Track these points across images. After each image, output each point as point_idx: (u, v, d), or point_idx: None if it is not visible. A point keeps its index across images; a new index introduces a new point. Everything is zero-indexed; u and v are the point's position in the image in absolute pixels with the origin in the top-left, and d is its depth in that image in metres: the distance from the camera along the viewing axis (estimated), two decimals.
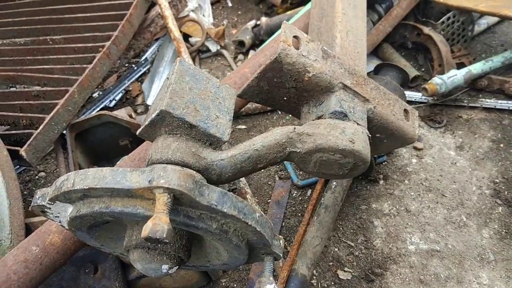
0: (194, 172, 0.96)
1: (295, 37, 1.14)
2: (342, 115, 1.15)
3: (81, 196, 0.87)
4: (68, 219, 0.93)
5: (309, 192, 1.89)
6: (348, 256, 1.68)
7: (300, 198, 1.88)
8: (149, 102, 2.32)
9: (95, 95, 2.42)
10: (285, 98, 1.25)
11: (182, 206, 0.84)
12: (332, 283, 1.62)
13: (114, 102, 2.40)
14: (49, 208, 0.96)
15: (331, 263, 1.67)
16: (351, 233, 1.74)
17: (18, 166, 1.91)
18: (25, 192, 2.07)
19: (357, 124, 1.18)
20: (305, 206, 1.84)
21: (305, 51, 1.13)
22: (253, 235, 0.94)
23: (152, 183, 0.78)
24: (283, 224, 1.80)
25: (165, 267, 0.95)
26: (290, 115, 2.17)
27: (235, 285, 1.66)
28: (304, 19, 1.73)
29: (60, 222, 1.03)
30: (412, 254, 1.66)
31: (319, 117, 1.19)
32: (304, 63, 1.12)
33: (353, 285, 1.61)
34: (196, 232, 0.92)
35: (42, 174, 2.17)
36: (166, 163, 1.03)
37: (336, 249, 1.70)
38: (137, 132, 1.12)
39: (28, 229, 1.40)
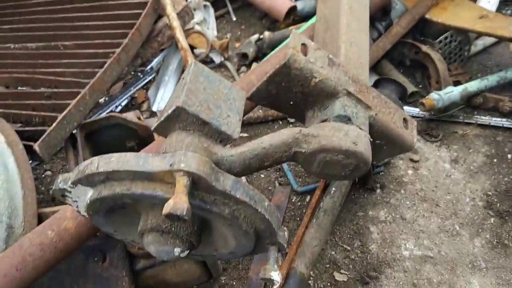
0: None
1: (303, 44, 1.22)
2: (346, 119, 1.22)
3: (103, 179, 0.94)
4: (88, 201, 0.99)
5: (308, 198, 1.96)
6: (344, 259, 1.74)
7: (299, 204, 1.95)
8: (154, 108, 2.39)
9: (101, 100, 2.50)
10: (291, 103, 1.33)
11: (198, 191, 0.91)
12: (328, 284, 1.68)
13: (120, 107, 2.47)
14: (70, 192, 1.02)
15: (327, 265, 1.73)
16: (348, 237, 1.81)
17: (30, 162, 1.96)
18: None
19: (360, 128, 1.26)
20: (304, 211, 1.91)
21: (313, 57, 1.22)
22: (261, 222, 1.00)
23: (173, 167, 0.85)
24: None
25: (177, 250, 1.01)
26: (291, 124, 2.26)
27: (234, 283, 1.71)
28: (308, 32, 1.83)
29: (77, 207, 1.09)
30: (406, 259, 1.72)
31: (323, 121, 1.27)
32: (311, 69, 1.20)
33: (348, 287, 1.66)
34: (209, 217, 0.99)
35: (49, 173, 2.23)
36: None
37: (333, 252, 1.76)
38: (152, 128, 1.19)
39: (40, 219, 1.46)
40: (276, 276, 1.06)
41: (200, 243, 1.08)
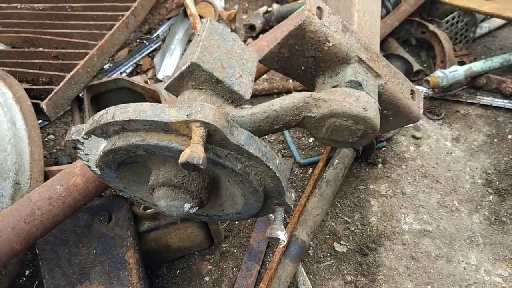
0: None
1: (318, 8, 1.22)
2: (357, 85, 1.23)
3: (118, 130, 0.94)
4: (101, 153, 1.00)
5: (310, 170, 1.97)
6: (344, 231, 1.77)
7: (301, 176, 1.96)
8: (159, 76, 2.38)
9: (106, 66, 2.48)
10: (302, 68, 1.33)
11: (212, 144, 0.92)
12: (328, 254, 1.71)
13: (124, 74, 2.46)
14: (82, 144, 1.03)
15: (328, 236, 1.76)
16: (349, 210, 1.83)
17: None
18: None
19: (369, 95, 1.26)
20: (306, 183, 1.93)
21: (327, 21, 1.21)
22: (271, 181, 1.02)
23: (190, 117, 0.85)
24: None
25: (187, 206, 1.03)
26: None
27: (235, 250, 1.73)
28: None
29: (87, 161, 1.09)
30: (406, 233, 1.75)
31: (334, 87, 1.27)
32: (326, 32, 1.20)
33: (348, 258, 1.69)
34: (219, 174, 1.00)
35: (51, 136, 2.23)
36: None
37: (333, 224, 1.79)
38: (164, 86, 1.19)
39: (46, 178, 1.46)
40: (283, 235, 1.08)
41: (208, 201, 1.10)
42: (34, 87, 1.70)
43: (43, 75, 1.74)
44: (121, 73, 2.44)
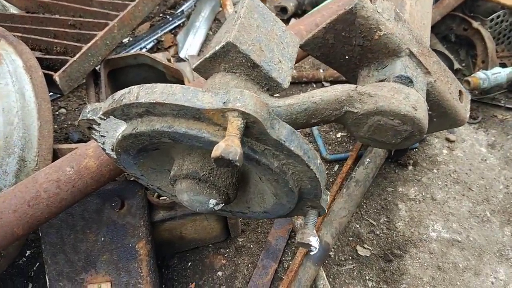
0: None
1: None
2: (408, 81, 1.10)
3: (142, 113, 0.82)
4: (120, 137, 0.88)
5: (336, 167, 1.85)
6: (369, 234, 1.66)
7: (326, 172, 1.83)
8: (182, 55, 2.26)
9: (125, 40, 2.36)
10: (346, 57, 1.20)
11: (248, 137, 0.80)
12: (350, 257, 1.60)
13: (145, 50, 2.34)
14: (98, 124, 0.91)
15: (351, 238, 1.64)
16: (374, 212, 1.71)
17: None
18: None
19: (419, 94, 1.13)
20: (331, 180, 1.81)
21: (380, 8, 1.08)
22: (308, 182, 0.90)
23: (227, 105, 0.73)
24: None
25: (212, 202, 0.91)
26: None
27: (251, 246, 1.63)
28: None
29: (103, 143, 0.98)
30: (433, 241, 1.64)
31: (380, 81, 1.15)
32: (378, 20, 1.07)
33: (370, 263, 1.58)
34: (251, 170, 0.88)
35: (63, 110, 2.12)
36: None
37: (358, 226, 1.68)
38: (193, 66, 1.07)
39: (55, 156, 1.35)
40: (315, 241, 0.97)
41: (236, 197, 0.98)
42: (47, 56, 1.58)
43: (58, 44, 1.62)
44: (141, 49, 2.31)
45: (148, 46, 2.31)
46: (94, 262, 1.31)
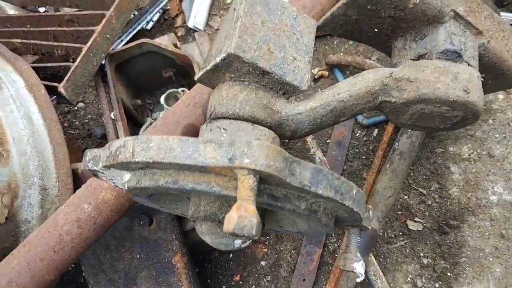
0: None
1: None
2: (455, 56, 0.90)
3: (143, 166, 0.71)
4: (126, 187, 0.78)
5: (375, 132, 1.68)
6: (419, 205, 1.52)
7: (364, 139, 1.68)
8: (190, 24, 2.06)
9: (130, 16, 2.18)
10: (375, 30, 1.00)
11: (266, 184, 0.67)
12: (400, 233, 1.49)
13: (151, 24, 2.16)
14: (102, 173, 0.81)
15: (399, 212, 1.52)
16: (424, 179, 1.56)
17: (54, 96, 1.73)
18: (65, 124, 1.97)
19: (469, 65, 0.93)
20: (370, 147, 1.65)
21: None
22: (345, 212, 0.77)
23: (233, 162, 0.59)
24: (345, 168, 1.63)
25: (238, 242, 0.82)
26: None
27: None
28: None
29: (114, 183, 0.89)
30: (494, 206, 1.47)
31: (420, 56, 0.95)
32: None
33: (423, 237, 1.47)
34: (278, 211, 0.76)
35: (81, 104, 2.05)
36: (233, 119, 0.85)
37: (406, 197, 1.54)
38: (196, 77, 0.92)
39: (75, 175, 1.29)
40: (360, 267, 0.86)
41: (263, 230, 0.87)
42: (50, 64, 1.47)
43: (59, 47, 1.50)
44: (147, 23, 2.14)
45: (154, 18, 2.14)
46: (134, 279, 1.28)
